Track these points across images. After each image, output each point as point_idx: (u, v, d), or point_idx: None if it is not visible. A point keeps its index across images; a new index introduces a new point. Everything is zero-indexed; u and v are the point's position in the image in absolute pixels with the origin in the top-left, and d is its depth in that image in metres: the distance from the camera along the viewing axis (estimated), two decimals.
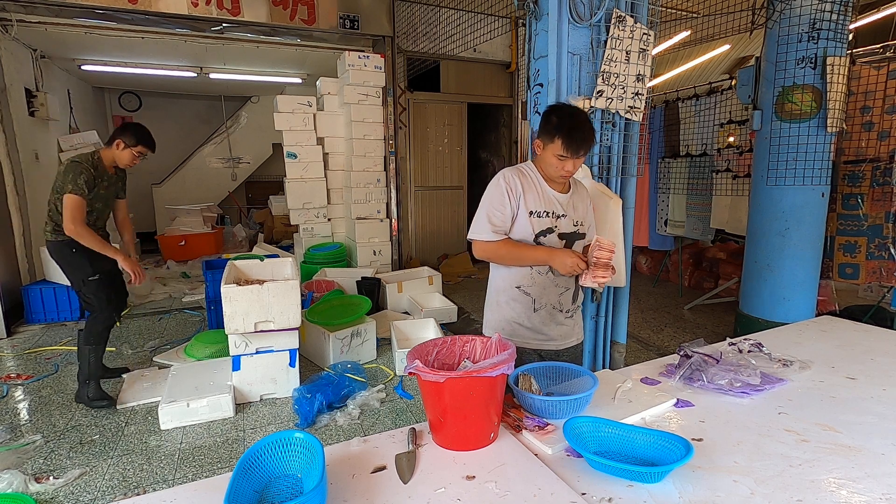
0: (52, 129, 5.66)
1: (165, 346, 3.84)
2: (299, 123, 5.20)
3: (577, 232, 1.71)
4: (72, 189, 2.68)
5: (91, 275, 2.86)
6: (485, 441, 1.21)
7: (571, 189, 1.73)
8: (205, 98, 8.71)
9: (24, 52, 5.12)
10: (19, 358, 3.67)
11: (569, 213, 1.68)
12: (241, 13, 4.50)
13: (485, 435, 1.22)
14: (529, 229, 1.64)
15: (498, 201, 1.63)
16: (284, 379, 3.02)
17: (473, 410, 1.19)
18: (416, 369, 1.20)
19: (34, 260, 4.74)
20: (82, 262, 2.85)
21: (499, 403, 1.25)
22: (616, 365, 2.54)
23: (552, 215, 1.65)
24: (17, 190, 4.58)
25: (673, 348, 2.85)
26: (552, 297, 1.70)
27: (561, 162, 1.59)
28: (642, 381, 1.57)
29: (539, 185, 1.67)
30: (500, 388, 1.23)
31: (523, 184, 1.64)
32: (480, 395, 1.19)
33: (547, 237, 1.65)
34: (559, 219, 1.66)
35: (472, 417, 1.19)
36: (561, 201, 1.68)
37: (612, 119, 2.31)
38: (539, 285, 1.68)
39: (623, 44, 2.19)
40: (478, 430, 1.21)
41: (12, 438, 2.59)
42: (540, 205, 1.64)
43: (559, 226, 1.66)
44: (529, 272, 1.67)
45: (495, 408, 1.23)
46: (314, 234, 5.49)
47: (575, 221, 1.70)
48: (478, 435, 1.21)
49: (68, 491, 2.19)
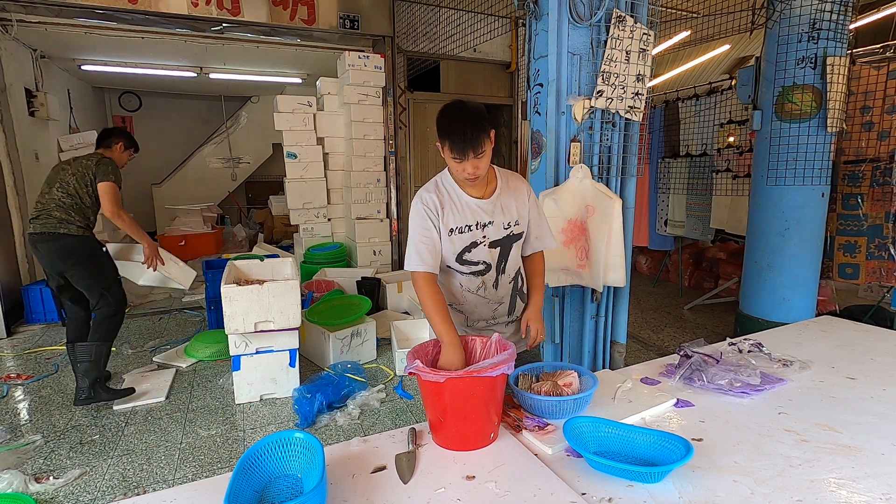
0: (52, 129, 5.66)
1: (165, 346, 3.84)
2: (299, 123, 5.20)
3: (512, 234, 1.57)
4: (113, 178, 2.87)
5: (118, 275, 2.99)
6: (485, 441, 1.21)
7: (498, 188, 1.58)
8: (205, 98, 8.70)
9: (24, 52, 5.12)
10: (19, 358, 3.67)
11: (496, 217, 1.55)
12: (241, 13, 4.50)
13: (485, 435, 1.22)
14: (451, 248, 1.53)
15: (422, 228, 1.51)
16: (284, 379, 3.02)
17: (473, 410, 1.19)
18: (416, 369, 1.20)
19: (34, 260, 4.73)
20: (111, 263, 2.98)
21: (499, 403, 1.25)
22: (616, 365, 2.54)
23: (477, 227, 1.53)
24: (17, 190, 4.58)
25: (673, 348, 2.86)
26: (485, 313, 1.62)
27: (458, 164, 1.45)
28: (642, 381, 1.57)
29: (457, 196, 1.54)
30: (500, 388, 1.23)
31: (441, 201, 1.52)
32: (480, 395, 1.19)
33: (472, 252, 1.53)
34: (485, 227, 1.54)
35: (473, 417, 1.19)
36: (484, 208, 1.54)
37: (612, 119, 2.31)
38: (470, 303, 1.60)
39: (623, 44, 2.19)
40: (478, 430, 1.21)
41: (12, 438, 2.59)
42: (460, 220, 1.52)
43: (487, 235, 1.54)
44: (459, 290, 1.58)
45: (495, 408, 1.23)
46: (314, 234, 5.49)
47: (506, 224, 1.56)
48: (478, 435, 1.21)
49: (68, 491, 2.19)
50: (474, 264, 1.55)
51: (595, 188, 2.25)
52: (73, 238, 2.80)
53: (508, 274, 1.60)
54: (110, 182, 2.85)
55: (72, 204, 2.82)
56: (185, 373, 3.40)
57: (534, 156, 2.49)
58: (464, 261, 1.54)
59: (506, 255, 1.58)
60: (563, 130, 2.29)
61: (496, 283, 1.58)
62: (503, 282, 1.59)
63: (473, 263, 1.55)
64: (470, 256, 1.54)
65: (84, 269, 2.84)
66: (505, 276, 1.59)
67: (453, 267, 1.56)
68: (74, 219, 2.81)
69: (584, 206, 2.26)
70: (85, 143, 5.96)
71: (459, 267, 1.55)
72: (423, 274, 1.49)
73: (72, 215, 2.81)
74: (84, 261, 2.83)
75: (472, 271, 1.56)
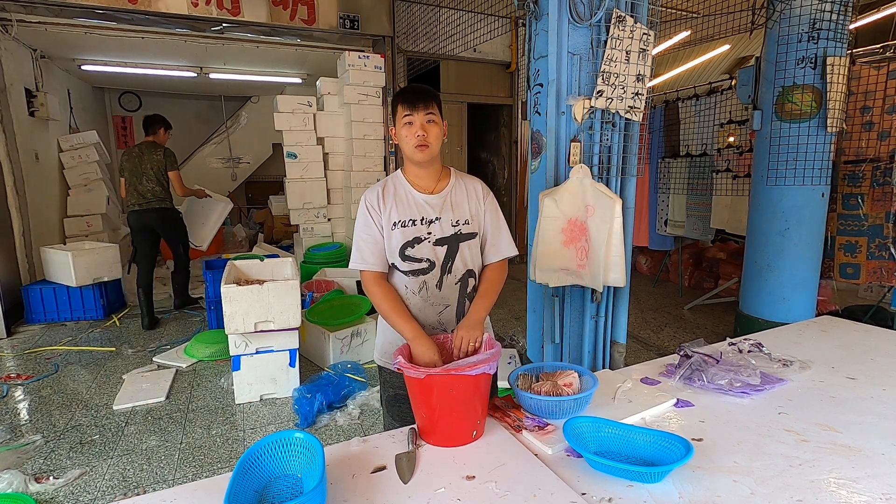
0: (52, 129, 5.66)
1: (165, 346, 3.84)
2: (299, 123, 5.20)
3: (460, 233, 1.52)
4: (177, 167, 4.41)
5: (187, 235, 4.73)
6: (466, 438, 1.22)
7: (450, 185, 1.55)
8: (205, 98, 8.70)
9: (24, 51, 5.12)
10: (19, 358, 3.68)
11: (444, 214, 1.51)
12: (241, 13, 4.50)
13: (466, 432, 1.22)
14: (394, 242, 1.50)
15: (363, 228, 1.51)
16: (284, 379, 3.02)
17: (455, 407, 1.20)
18: (399, 365, 1.23)
19: (34, 260, 4.73)
20: (185, 226, 4.70)
21: (482, 401, 1.25)
22: (616, 365, 2.54)
23: (422, 222, 1.50)
24: (17, 190, 4.58)
25: (673, 348, 2.85)
26: (430, 317, 1.53)
27: (410, 128, 1.45)
28: (642, 381, 1.57)
29: (404, 191, 1.53)
30: (482, 386, 1.23)
31: (384, 197, 1.51)
32: (461, 392, 1.19)
33: (416, 248, 1.50)
34: (431, 224, 1.50)
35: (454, 414, 1.20)
36: (432, 203, 1.52)
37: (612, 119, 2.31)
38: (414, 306, 1.52)
39: (623, 44, 2.19)
40: (459, 427, 1.22)
41: (12, 438, 2.59)
42: (404, 213, 1.50)
43: (433, 232, 1.50)
44: (404, 291, 1.53)
45: (478, 406, 1.23)
46: (314, 234, 5.49)
47: (455, 221, 1.52)
48: (459, 432, 1.22)
49: (68, 491, 2.19)
50: (417, 261, 1.50)
51: (595, 188, 2.25)
52: (171, 210, 4.44)
53: (455, 275, 1.53)
54: (176, 171, 4.37)
55: (161, 187, 4.32)
56: (185, 373, 3.40)
57: (534, 156, 2.49)
58: (406, 256, 1.50)
59: (453, 254, 1.52)
60: (563, 130, 2.29)
61: (440, 283, 1.52)
62: (448, 282, 1.53)
63: (416, 260, 1.50)
64: (413, 252, 1.50)
65: (176, 230, 4.54)
66: (451, 277, 1.53)
67: (396, 264, 1.52)
68: (167, 197, 4.38)
69: (584, 206, 2.26)
70: (85, 142, 5.96)
71: (402, 264, 1.51)
72: (369, 274, 1.51)
73: (166, 195, 4.36)
74: (174, 226, 4.51)
75: (414, 269, 1.51)
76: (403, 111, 1.47)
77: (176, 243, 4.56)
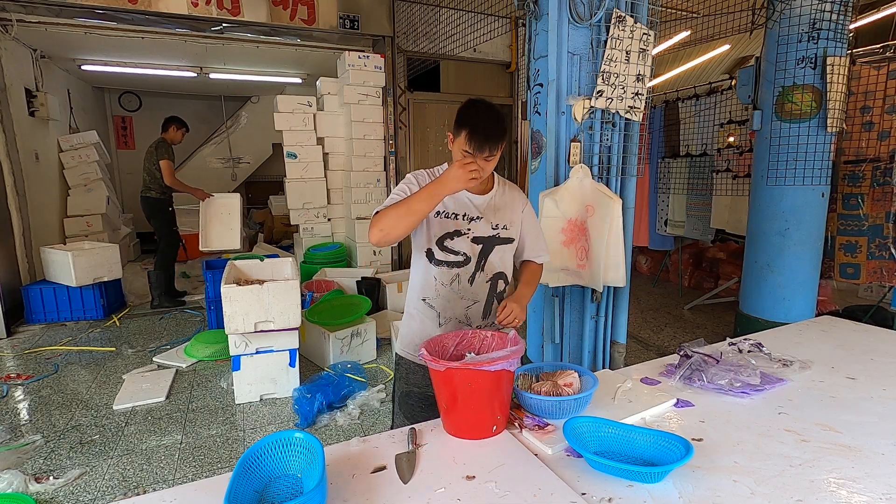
0: (52, 129, 5.66)
1: (165, 347, 3.84)
2: (299, 123, 5.20)
3: (498, 236, 1.54)
4: (167, 156, 4.52)
5: (174, 225, 4.86)
6: (486, 432, 1.24)
7: (494, 191, 1.57)
8: (205, 98, 8.70)
9: (24, 51, 5.12)
10: (19, 358, 3.67)
11: (486, 215, 1.53)
12: (241, 13, 4.50)
13: (486, 426, 1.24)
14: (434, 230, 1.50)
15: (402, 190, 1.49)
16: (284, 379, 3.02)
17: (474, 401, 1.22)
18: (421, 357, 1.26)
19: (34, 260, 4.73)
20: (171, 218, 4.81)
21: (503, 398, 1.26)
22: (616, 365, 2.54)
23: (464, 217, 1.51)
24: (17, 190, 4.58)
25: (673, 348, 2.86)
26: (458, 311, 1.54)
27: (468, 162, 1.39)
28: (642, 381, 1.57)
29: None
30: (503, 382, 1.24)
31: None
32: (480, 387, 1.21)
33: (455, 240, 1.50)
34: (472, 222, 1.52)
35: (473, 408, 1.22)
36: (476, 203, 1.54)
37: (612, 119, 2.31)
38: (443, 297, 1.54)
39: (623, 44, 2.19)
40: (478, 420, 1.23)
41: (12, 438, 2.59)
42: (449, 205, 1.51)
43: (472, 229, 1.52)
44: (434, 283, 1.53)
45: (498, 402, 1.25)
46: (314, 234, 5.49)
47: (494, 225, 1.54)
48: (478, 425, 1.24)
49: (68, 491, 2.19)
50: (454, 253, 1.52)
51: (595, 188, 2.25)
52: (152, 199, 4.65)
53: (487, 273, 1.55)
54: (164, 160, 4.50)
55: (150, 176, 4.58)
56: (185, 373, 3.40)
57: (534, 156, 2.49)
58: (444, 247, 1.51)
59: (487, 253, 1.54)
60: (563, 130, 2.29)
61: (472, 278, 1.54)
62: (480, 279, 1.55)
63: (453, 252, 1.52)
64: (451, 244, 1.51)
65: (156, 220, 4.73)
66: (483, 275, 1.55)
67: (433, 251, 1.52)
68: (152, 186, 4.61)
69: (584, 206, 2.26)
70: (85, 143, 5.96)
71: (438, 253, 1.52)
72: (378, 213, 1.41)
73: (152, 184, 4.60)
74: (158, 215, 4.70)
75: (450, 261, 1.52)
76: (468, 145, 1.41)
77: (158, 234, 4.78)
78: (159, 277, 4.78)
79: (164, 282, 4.82)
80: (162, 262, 4.80)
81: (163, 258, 4.79)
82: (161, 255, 4.79)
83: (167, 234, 4.75)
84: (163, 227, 4.73)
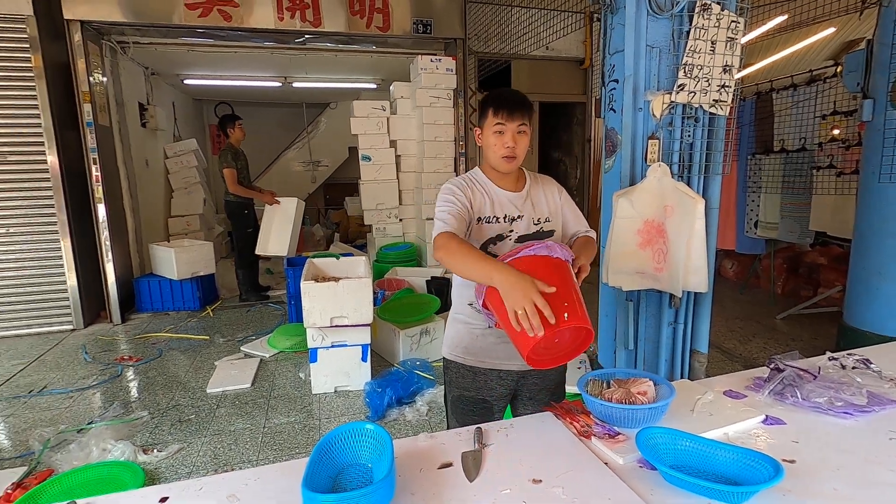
0: (160, 138, 6.33)
1: (251, 337, 4.14)
2: (373, 127, 5.39)
3: (542, 230, 1.53)
4: (227, 164, 4.78)
5: (250, 227, 5.06)
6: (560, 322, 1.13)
7: (528, 183, 1.55)
8: (288, 105, 9.28)
9: (138, 70, 5.76)
10: (131, 342, 4.14)
11: (526, 212, 1.51)
12: (321, 24, 4.76)
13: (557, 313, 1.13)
14: (476, 238, 1.48)
15: (445, 202, 1.45)
16: (357, 373, 3.15)
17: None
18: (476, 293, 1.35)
19: (144, 255, 5.31)
20: (247, 223, 5.05)
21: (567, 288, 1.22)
22: (696, 375, 2.39)
23: (505, 219, 1.49)
24: (130, 193, 5.17)
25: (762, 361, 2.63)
26: None
27: (500, 137, 1.43)
28: (725, 393, 1.46)
29: (487, 189, 1.51)
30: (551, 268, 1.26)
31: (471, 190, 1.49)
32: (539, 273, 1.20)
33: (498, 245, 1.48)
34: (514, 222, 1.50)
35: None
36: (514, 201, 1.52)
37: (695, 114, 2.17)
38: None
39: (708, 34, 2.05)
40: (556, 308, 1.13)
41: (125, 413, 2.92)
42: (489, 210, 1.49)
43: (515, 229, 1.49)
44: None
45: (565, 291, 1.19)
46: (386, 234, 5.67)
47: (536, 219, 1.52)
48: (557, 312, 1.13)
49: (169, 463, 2.44)
50: None
51: (675, 187, 2.13)
52: (229, 203, 4.97)
53: None
54: (225, 168, 4.79)
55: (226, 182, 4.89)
56: (268, 362, 3.66)
57: (608, 154, 2.41)
58: (489, 252, 1.49)
59: None
60: (640, 127, 2.19)
61: None
62: None
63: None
64: (495, 250, 1.49)
65: (233, 223, 5.10)
66: None
67: None
68: (229, 191, 4.87)
69: (663, 206, 2.15)
70: (186, 150, 6.60)
71: None
72: (442, 235, 1.36)
73: (227, 189, 4.87)
74: (235, 218, 5.03)
75: None
76: (496, 118, 1.43)
77: (234, 235, 5.18)
78: (244, 274, 5.16)
79: (250, 278, 5.19)
80: (240, 262, 5.14)
81: (240, 258, 5.12)
82: (238, 255, 5.13)
83: (242, 236, 5.04)
84: (239, 228, 5.04)
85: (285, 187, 9.17)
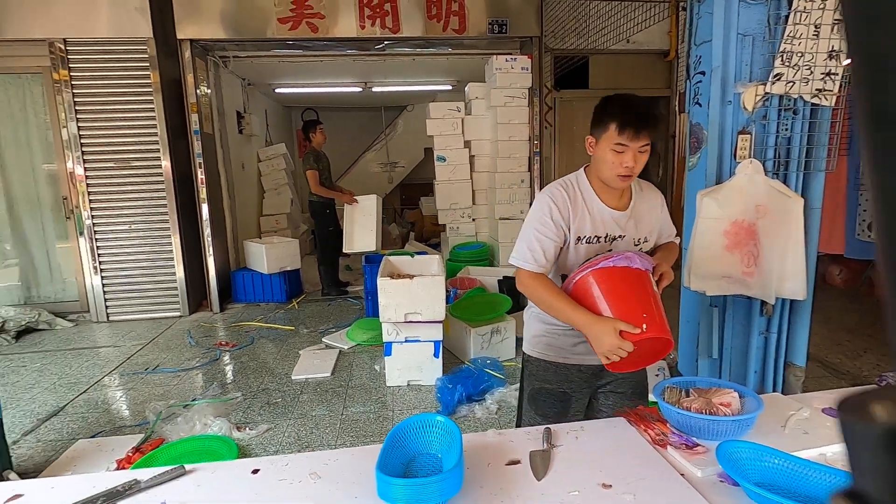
0: (254, 143, 6.89)
1: (332, 329, 4.39)
2: (449, 128, 5.48)
3: (640, 251, 1.48)
4: (308, 167, 5.10)
5: (331, 226, 5.36)
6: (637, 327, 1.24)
7: (633, 201, 1.46)
8: (367, 109, 9.69)
9: (236, 81, 6.31)
10: (228, 329, 4.55)
11: (628, 232, 1.43)
12: (400, 30, 4.92)
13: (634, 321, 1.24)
14: (573, 259, 1.42)
15: (541, 226, 1.39)
16: (429, 368, 3.23)
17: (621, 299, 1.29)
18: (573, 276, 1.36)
19: (240, 250, 5.82)
20: (328, 222, 5.34)
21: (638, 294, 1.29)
22: (791, 390, 2.19)
23: (605, 239, 1.42)
24: (229, 194, 5.68)
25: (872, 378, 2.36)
26: None
27: (618, 156, 1.33)
28: (824, 411, 1.34)
29: (590, 203, 1.42)
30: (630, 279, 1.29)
31: (573, 203, 1.41)
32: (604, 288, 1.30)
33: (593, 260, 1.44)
34: (614, 241, 1.43)
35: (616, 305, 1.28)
36: (618, 220, 1.42)
37: (794, 105, 1.99)
38: None
39: (811, 17, 1.87)
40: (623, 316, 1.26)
41: (222, 393, 3.23)
42: (590, 228, 1.41)
43: (614, 248, 1.43)
44: None
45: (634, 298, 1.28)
46: (459, 233, 5.74)
47: (636, 240, 1.45)
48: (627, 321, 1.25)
49: (258, 441, 2.66)
50: None
51: (769, 186, 1.97)
52: (313, 203, 5.29)
53: None
54: (308, 170, 5.10)
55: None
56: (347, 354, 3.86)
57: (692, 151, 2.28)
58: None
59: None
60: (729, 122, 2.05)
61: None
62: None
63: None
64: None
65: (316, 222, 5.40)
66: None
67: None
68: (312, 193, 5.19)
69: (754, 206, 2.00)
70: (276, 154, 7.13)
71: None
72: (528, 272, 1.39)
73: (311, 190, 5.17)
74: (318, 217, 5.32)
75: None
76: (619, 137, 1.33)
77: (316, 234, 5.52)
78: (326, 270, 5.45)
79: (331, 274, 5.49)
80: (322, 259, 5.44)
81: (322, 256, 5.43)
82: (320, 252, 5.44)
83: (324, 234, 5.34)
84: (321, 227, 5.33)
85: (364, 188, 9.52)
